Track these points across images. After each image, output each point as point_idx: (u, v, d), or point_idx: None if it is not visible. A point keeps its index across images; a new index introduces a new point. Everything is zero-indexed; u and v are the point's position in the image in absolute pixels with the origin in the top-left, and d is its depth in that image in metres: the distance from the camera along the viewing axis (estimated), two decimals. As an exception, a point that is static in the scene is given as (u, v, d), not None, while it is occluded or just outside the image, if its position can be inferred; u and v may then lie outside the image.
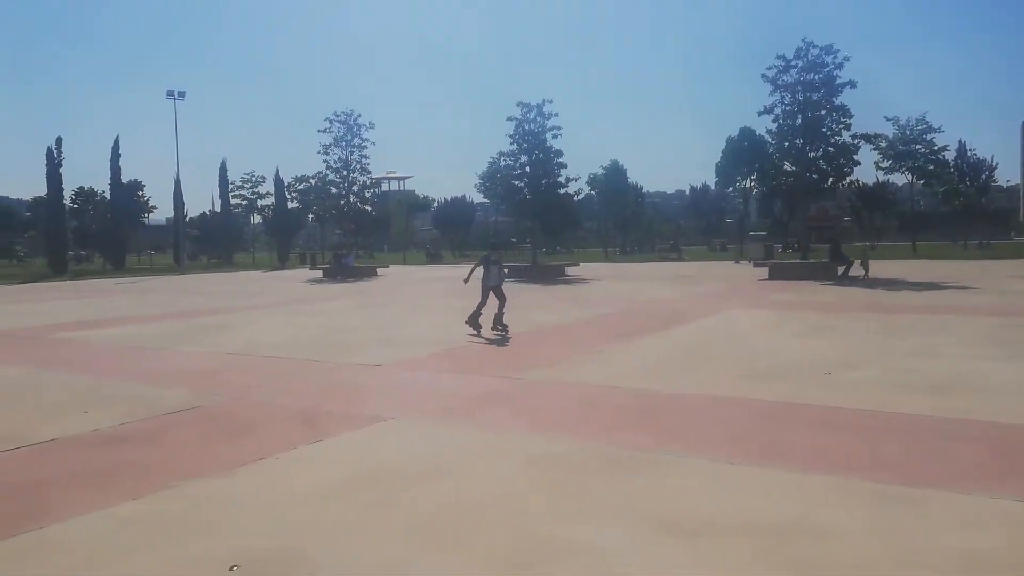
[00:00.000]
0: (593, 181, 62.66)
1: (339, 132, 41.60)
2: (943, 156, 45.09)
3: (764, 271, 27.91)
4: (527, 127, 34.50)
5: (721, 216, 75.83)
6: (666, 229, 78.43)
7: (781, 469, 5.01)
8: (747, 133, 56.95)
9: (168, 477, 5.15)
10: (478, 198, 68.55)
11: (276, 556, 3.81)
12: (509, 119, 34.71)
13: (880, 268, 27.02)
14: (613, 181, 64.01)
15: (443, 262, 58.85)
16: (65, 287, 33.54)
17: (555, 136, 34.77)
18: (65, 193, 54.29)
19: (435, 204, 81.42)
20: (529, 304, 19.14)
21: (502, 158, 37.55)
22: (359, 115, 41.95)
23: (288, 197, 61.10)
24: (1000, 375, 8.01)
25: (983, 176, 55.49)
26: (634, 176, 70.43)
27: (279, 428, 6.55)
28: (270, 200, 62.97)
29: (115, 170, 56.62)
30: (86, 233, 62.20)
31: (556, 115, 34.53)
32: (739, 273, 30.82)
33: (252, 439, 6.15)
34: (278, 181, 61.43)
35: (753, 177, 56.95)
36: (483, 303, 12.73)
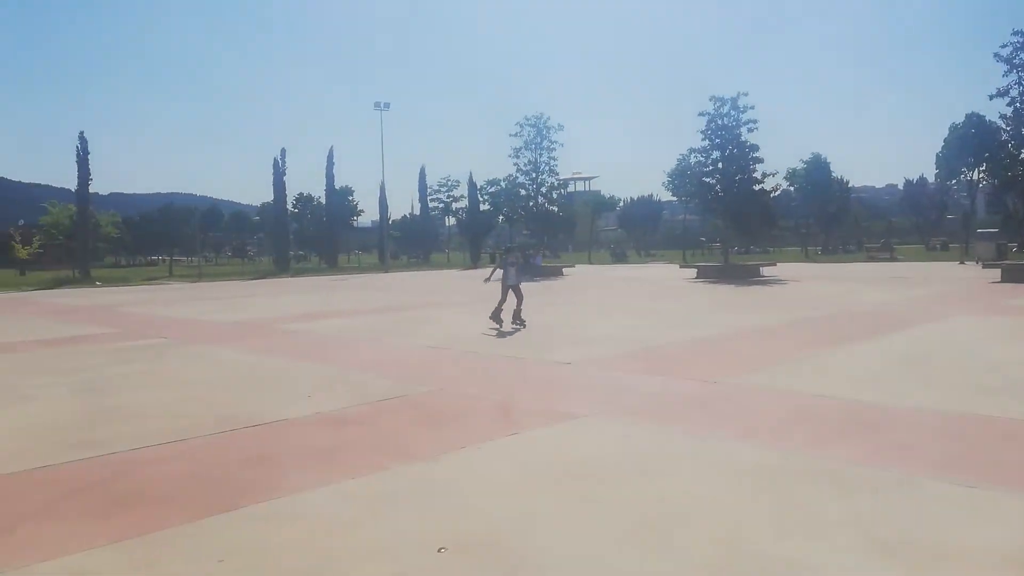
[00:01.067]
0: (792, 176, 59.07)
1: (529, 135, 42.72)
2: None
3: (996, 273, 24.74)
4: (720, 122, 33.27)
5: (941, 212, 68.29)
6: (876, 227, 72.06)
7: (1036, 498, 4.35)
8: (975, 119, 50.91)
9: (382, 459, 5.51)
10: (665, 196, 67.21)
11: (480, 542, 3.92)
12: (701, 114, 33.70)
13: None
14: (815, 175, 59.92)
15: (628, 262, 58.36)
16: (287, 283, 37.42)
17: (750, 130, 33.21)
18: (288, 199, 60.55)
19: (620, 203, 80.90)
20: (726, 305, 18.40)
21: (692, 155, 36.54)
22: (548, 118, 42.79)
23: (480, 199, 63.76)
24: None
25: None
26: (838, 170, 65.20)
27: (478, 419, 6.79)
28: (464, 203, 66.13)
29: (329, 177, 62.26)
30: (305, 235, 69.04)
31: (752, 108, 33.01)
32: (965, 275, 27.56)
33: (454, 428, 6.43)
34: (471, 184, 64.36)
35: (982, 168, 50.69)
36: (503, 300, 13.94)
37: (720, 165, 33.78)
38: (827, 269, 36.85)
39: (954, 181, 59.17)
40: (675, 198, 59.11)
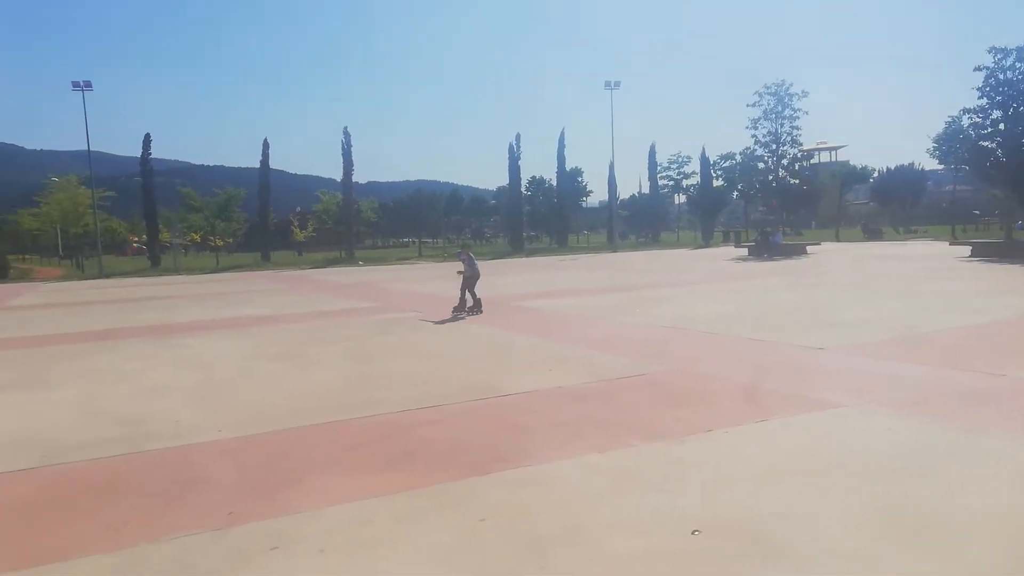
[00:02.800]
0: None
1: (768, 104, 40.18)
2: None
3: None
4: (1002, 76, 28.65)
5: None
6: None
7: None
8: None
9: (626, 436, 5.52)
10: (930, 165, 59.63)
11: (736, 528, 3.77)
12: (977, 69, 29.27)
13: None
14: None
15: (883, 239, 52.73)
16: (521, 263, 38.99)
17: (1042, 83, 28.24)
18: (522, 182, 62.89)
19: (875, 174, 73.21)
20: (1006, 288, 15.96)
21: (966, 116, 31.92)
22: (790, 84, 39.89)
23: (713, 175, 61.36)
24: None
25: None
26: None
27: (722, 402, 6.54)
28: (695, 180, 64.06)
29: (560, 159, 63.61)
30: (537, 216, 71.38)
31: (1045, 56, 27.99)
32: None
33: (698, 410, 6.26)
34: (704, 160, 62.12)
35: None
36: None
37: (1002, 126, 29.12)
38: None
39: None
40: (942, 166, 52.20)
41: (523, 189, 65.21)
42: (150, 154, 49.01)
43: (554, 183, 66.45)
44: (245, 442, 5.78)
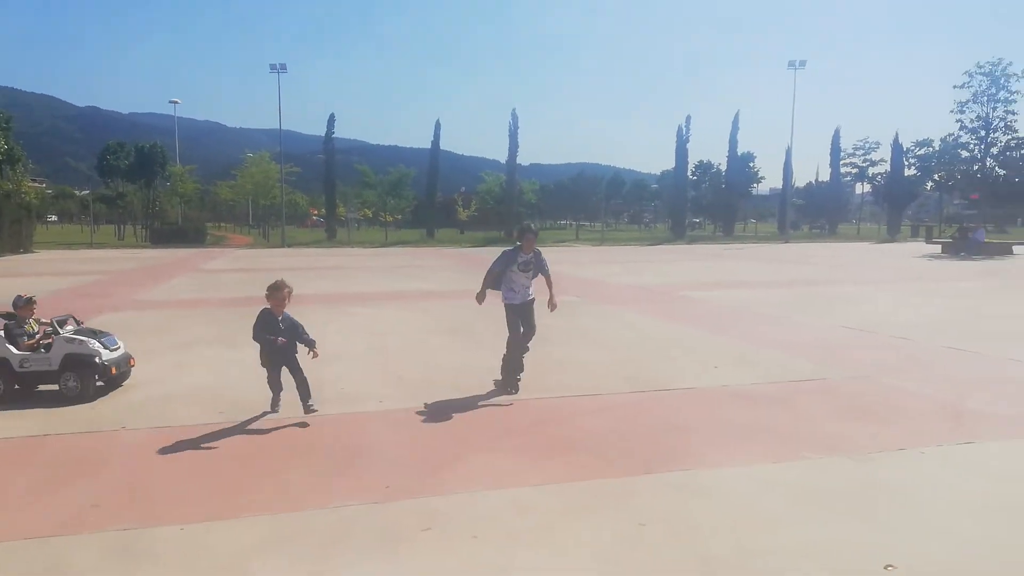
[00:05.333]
0: None
1: (980, 86, 35.82)
2: None
3: None
4: None
5: None
6: None
7: None
8: None
9: (803, 446, 5.02)
10: None
11: (938, 566, 3.24)
12: None
13: None
14: None
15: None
16: (683, 250, 37.71)
17: None
18: (688, 166, 60.75)
19: (1104, 167, 63.52)
20: None
21: None
22: (1009, 63, 35.29)
23: (905, 163, 55.95)
24: None
25: None
26: None
27: (917, 418, 5.80)
28: (883, 167, 58.74)
29: (733, 143, 60.65)
30: (701, 203, 68.79)
31: None
32: None
33: (887, 424, 5.58)
34: (896, 146, 56.73)
35: None
36: (513, 335, 6.88)
37: None
38: None
39: None
40: None
41: (689, 174, 63.02)
42: (333, 133, 52.27)
43: (723, 168, 63.58)
44: (406, 415, 5.87)
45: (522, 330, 6.85)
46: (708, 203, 67.79)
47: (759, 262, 27.07)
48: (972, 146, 36.84)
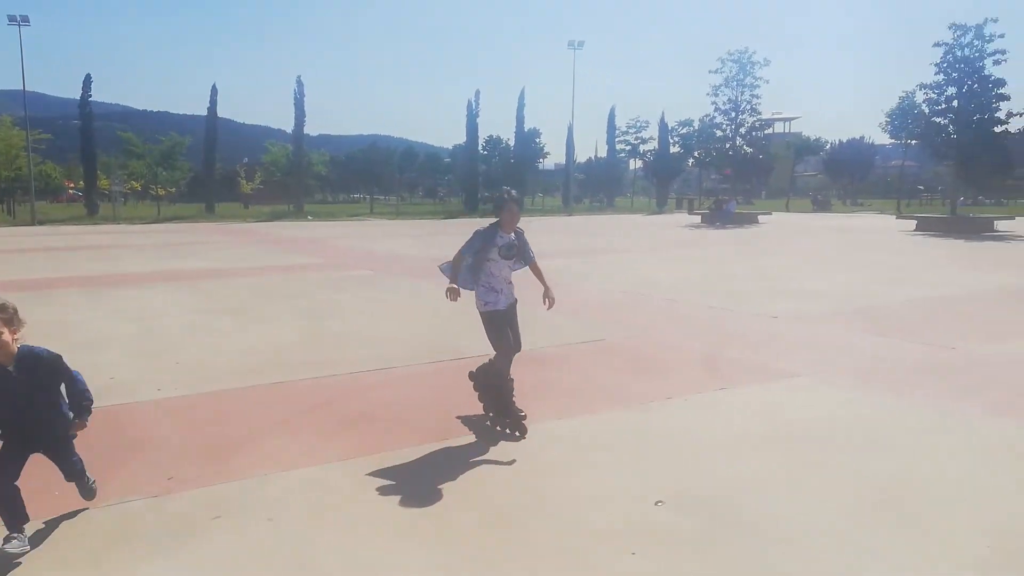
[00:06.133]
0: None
1: (731, 72, 40.09)
2: None
3: None
4: (959, 53, 29.12)
5: None
6: None
7: None
8: None
9: (588, 402, 5.41)
10: (879, 139, 60.83)
11: (700, 499, 3.68)
12: (936, 45, 29.67)
13: None
14: (1069, 116, 51.11)
15: (831, 211, 53.89)
16: (476, 223, 38.48)
17: (997, 62, 28.82)
18: (479, 141, 61.98)
19: (827, 146, 74.33)
20: (956, 263, 16.38)
21: (921, 91, 32.43)
22: (753, 52, 39.85)
23: (671, 141, 61.47)
24: None
25: None
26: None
27: (683, 370, 6.48)
28: (652, 145, 64.07)
29: (520, 119, 62.73)
30: (492, 176, 70.63)
31: (1001, 36, 28.51)
32: None
33: (658, 377, 6.18)
34: (662, 125, 62.11)
35: None
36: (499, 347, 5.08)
37: (955, 103, 29.72)
38: (1080, 225, 31.68)
39: None
40: (891, 142, 53.30)
41: (480, 148, 64.33)
42: (90, 96, 46.51)
43: (511, 143, 65.70)
44: (186, 402, 5.48)
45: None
46: (498, 177, 69.77)
47: (545, 233, 28.43)
48: (725, 126, 41.25)
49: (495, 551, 3.20)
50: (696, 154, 53.31)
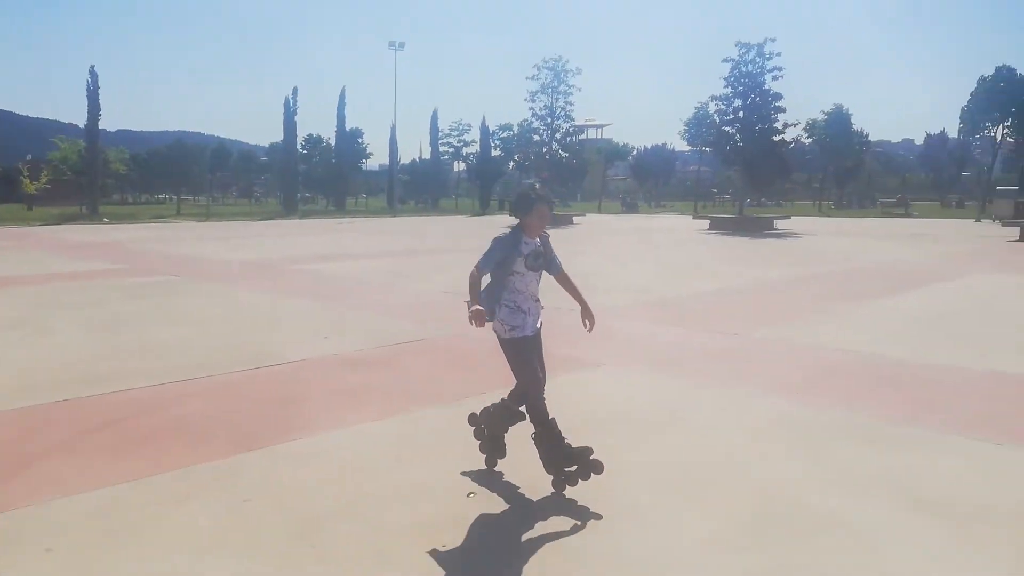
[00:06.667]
0: (812, 128, 57.86)
1: (546, 79, 41.72)
2: None
3: (1014, 231, 24.42)
4: (744, 69, 32.42)
5: (959, 169, 67.16)
6: (890, 182, 70.95)
7: (1077, 460, 4.25)
8: (1005, 72, 49.43)
9: (406, 402, 5.44)
10: (680, 146, 66.21)
11: (510, 489, 3.85)
12: (725, 60, 32.81)
13: None
14: (835, 128, 58.65)
15: (639, 212, 57.90)
16: (295, 225, 37.21)
17: (775, 78, 32.42)
18: (298, 140, 59.81)
19: (633, 152, 79.74)
20: (741, 258, 18.21)
21: (713, 102, 35.69)
22: (566, 61, 41.75)
23: (492, 144, 62.94)
24: None
25: None
26: (859, 122, 63.75)
27: (497, 365, 6.69)
28: (475, 148, 65.27)
29: (340, 118, 61.38)
30: (313, 176, 68.48)
31: (778, 55, 32.10)
32: (982, 233, 27.17)
33: (475, 372, 6.35)
34: (484, 129, 63.40)
35: (1007, 124, 49.49)
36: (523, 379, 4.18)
37: (741, 114, 33.05)
38: (841, 224, 36.44)
39: (977, 137, 57.80)
40: (690, 148, 58.23)
41: (299, 147, 62.09)
42: None
43: (332, 143, 64.05)
44: (-50, 428, 4.84)
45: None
46: (319, 177, 67.74)
47: (370, 235, 28.07)
48: (542, 131, 42.90)
49: (304, 556, 3.15)
50: (516, 157, 55.02)
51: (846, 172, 62.14)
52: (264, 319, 9.16)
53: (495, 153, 63.70)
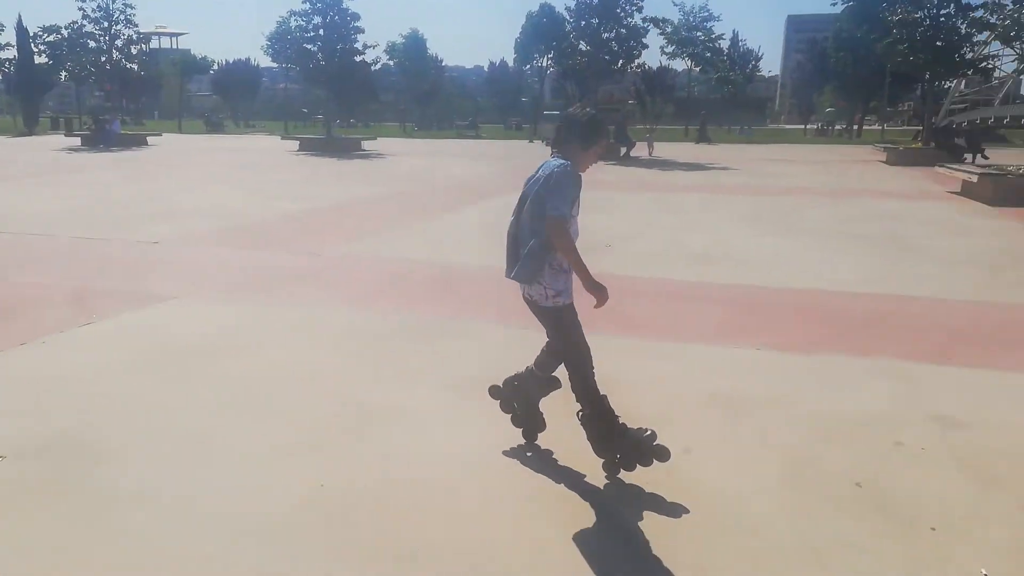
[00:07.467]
0: (392, 51, 59.96)
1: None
2: (718, 44, 48.21)
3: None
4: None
5: (518, 94, 76.56)
6: (465, 105, 77.88)
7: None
8: (548, 10, 56.94)
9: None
10: (265, 62, 62.99)
11: (55, 440, 3.55)
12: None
13: (661, 150, 29.18)
14: (412, 52, 61.65)
15: (225, 132, 54.23)
16: None
17: (352, -1, 32.60)
18: None
19: (215, 66, 73.52)
20: (328, 179, 18.47)
21: (293, 18, 34.59)
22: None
23: (35, 50, 51.99)
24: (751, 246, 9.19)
25: (750, 66, 60.61)
26: (434, 48, 68.26)
27: (45, 311, 5.93)
28: (12, 53, 53.18)
29: None
30: None
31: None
32: (532, 152, 31.77)
33: (11, 324, 5.53)
34: (21, 30, 51.75)
35: (550, 56, 57.54)
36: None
37: (322, 32, 32.69)
38: (422, 145, 39.03)
39: (528, 66, 66.16)
40: (276, 65, 55.79)
41: None
42: None
43: None
44: None
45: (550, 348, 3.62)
46: None
47: None
48: (99, 36, 36.90)
49: None
50: (68, 66, 46.43)
51: (424, 95, 66.22)
52: None
53: (40, 60, 52.80)
